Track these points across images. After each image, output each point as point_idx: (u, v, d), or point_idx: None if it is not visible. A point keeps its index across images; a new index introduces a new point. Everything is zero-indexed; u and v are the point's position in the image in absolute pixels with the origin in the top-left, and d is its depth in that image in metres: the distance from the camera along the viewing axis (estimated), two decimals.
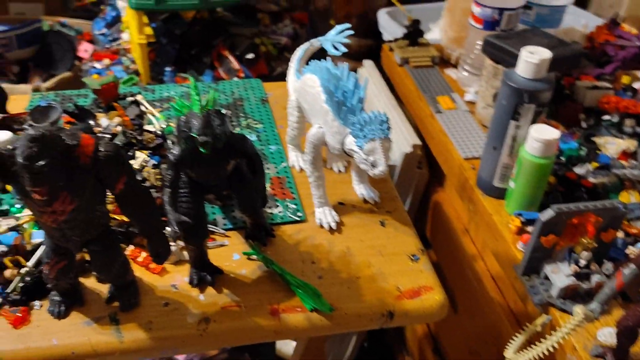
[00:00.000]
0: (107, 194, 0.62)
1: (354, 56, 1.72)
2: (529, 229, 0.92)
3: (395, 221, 0.83)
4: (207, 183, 0.64)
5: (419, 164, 1.28)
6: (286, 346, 1.58)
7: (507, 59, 1.08)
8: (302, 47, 0.95)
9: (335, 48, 0.91)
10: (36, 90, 1.83)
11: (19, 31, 1.97)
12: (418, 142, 1.26)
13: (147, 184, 0.82)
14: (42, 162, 0.52)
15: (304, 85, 0.81)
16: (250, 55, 1.75)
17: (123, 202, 0.61)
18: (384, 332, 1.65)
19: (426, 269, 0.75)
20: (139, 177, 0.83)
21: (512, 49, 1.07)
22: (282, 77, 1.95)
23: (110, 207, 0.74)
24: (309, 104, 0.80)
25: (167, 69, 1.76)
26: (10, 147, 0.56)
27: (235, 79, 1.68)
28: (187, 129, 0.58)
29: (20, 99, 1.05)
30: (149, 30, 1.75)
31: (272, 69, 1.84)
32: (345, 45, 0.88)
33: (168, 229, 0.63)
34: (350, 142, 0.72)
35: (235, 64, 1.74)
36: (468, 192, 1.05)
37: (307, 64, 0.86)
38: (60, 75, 1.93)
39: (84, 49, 2.08)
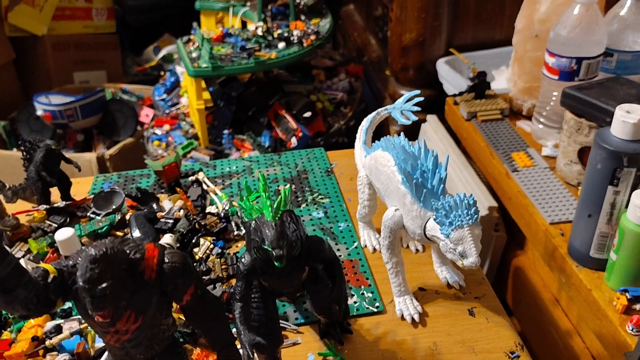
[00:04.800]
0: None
1: None
2: (638, 307, 0.81)
3: (485, 309, 0.74)
4: (280, 290, 0.58)
5: (495, 227, 1.18)
6: None
7: (592, 112, 0.99)
8: (368, 118, 0.89)
9: (406, 117, 0.85)
10: (100, 158, 1.86)
11: (83, 102, 2.04)
12: (494, 203, 1.17)
13: (212, 275, 0.77)
14: (104, 285, 0.47)
15: (376, 163, 0.75)
16: (307, 114, 1.72)
17: (190, 313, 0.56)
18: None
19: None
20: (203, 268, 0.78)
21: (596, 101, 0.98)
22: (338, 133, 1.92)
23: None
24: (383, 184, 0.74)
25: (225, 131, 1.75)
26: (70, 263, 0.52)
27: (295, 148, 1.63)
28: (258, 239, 0.52)
29: (84, 182, 1.04)
30: (206, 95, 1.77)
31: (329, 125, 1.80)
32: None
33: (240, 349, 0.57)
34: (434, 229, 0.65)
35: (292, 123, 1.71)
36: (558, 262, 0.95)
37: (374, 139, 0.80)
38: (123, 142, 1.97)
39: (145, 114, 2.13)
